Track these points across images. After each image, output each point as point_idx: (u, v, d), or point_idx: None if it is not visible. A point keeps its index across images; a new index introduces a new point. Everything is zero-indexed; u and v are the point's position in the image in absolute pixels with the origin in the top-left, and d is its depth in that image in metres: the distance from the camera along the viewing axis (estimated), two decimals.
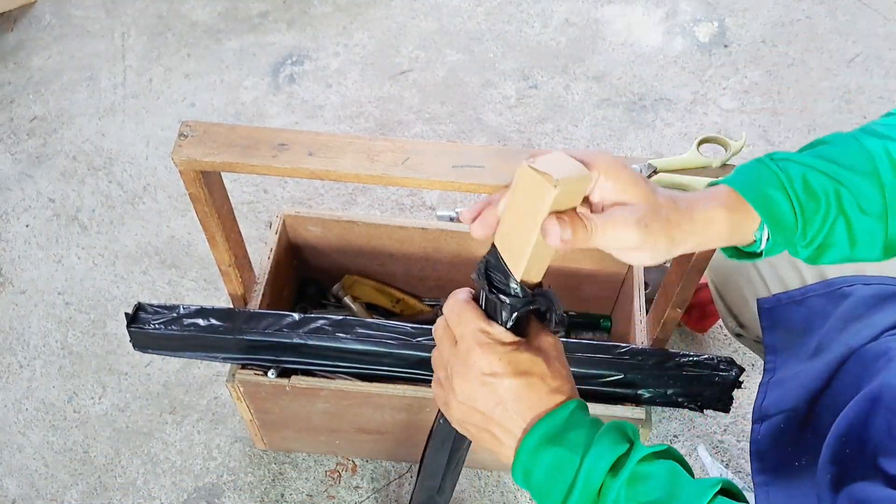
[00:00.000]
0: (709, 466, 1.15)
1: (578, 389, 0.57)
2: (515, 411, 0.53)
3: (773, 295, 0.81)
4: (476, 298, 0.57)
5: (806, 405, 0.73)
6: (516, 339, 0.54)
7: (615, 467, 0.51)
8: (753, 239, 0.58)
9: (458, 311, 0.56)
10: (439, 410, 0.63)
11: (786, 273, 0.82)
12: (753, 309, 0.84)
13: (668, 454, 0.53)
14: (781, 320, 0.80)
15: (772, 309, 0.80)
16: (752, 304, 0.84)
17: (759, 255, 0.60)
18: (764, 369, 0.79)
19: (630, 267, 1.09)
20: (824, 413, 0.71)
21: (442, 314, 0.58)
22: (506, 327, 0.55)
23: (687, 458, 1.23)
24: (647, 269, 1.13)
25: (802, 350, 0.76)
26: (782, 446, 0.74)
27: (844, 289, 0.76)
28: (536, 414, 0.53)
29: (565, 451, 0.52)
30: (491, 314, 0.55)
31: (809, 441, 0.71)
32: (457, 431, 0.59)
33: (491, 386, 0.53)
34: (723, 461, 1.17)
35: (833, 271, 0.78)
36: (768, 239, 0.58)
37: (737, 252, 0.61)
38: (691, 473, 0.53)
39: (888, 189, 0.58)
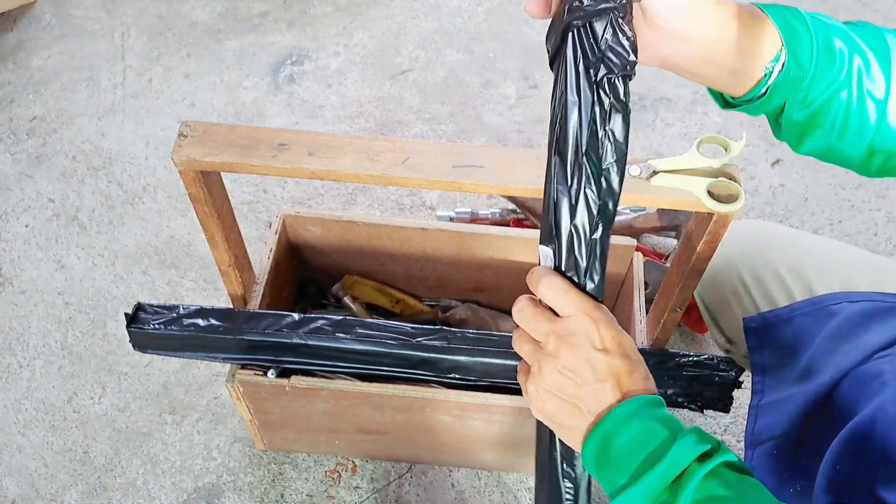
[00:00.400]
0: None
1: None
2: (612, 388, 0.53)
3: (760, 314, 0.81)
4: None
5: (798, 430, 0.73)
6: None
7: (703, 457, 0.50)
8: (763, 73, 0.56)
9: (562, 288, 0.55)
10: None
11: (774, 290, 0.82)
12: (738, 321, 0.83)
13: (749, 471, 0.52)
14: (768, 340, 0.79)
15: (758, 328, 0.80)
16: (741, 319, 0.83)
17: (761, 97, 0.58)
18: (752, 390, 0.79)
19: (630, 267, 1.09)
20: (817, 438, 0.70)
21: (522, 298, 0.58)
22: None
23: None
24: (647, 270, 1.13)
25: (791, 371, 0.75)
26: (776, 473, 0.73)
27: (831, 307, 0.75)
28: (631, 392, 0.53)
29: (660, 426, 0.52)
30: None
31: (804, 466, 0.71)
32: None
33: (598, 361, 0.53)
34: None
35: (821, 287, 0.78)
36: (777, 75, 0.56)
37: (727, 104, 0.61)
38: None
39: (893, 82, 0.58)
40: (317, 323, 0.92)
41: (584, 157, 0.53)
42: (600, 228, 0.55)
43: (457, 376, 0.92)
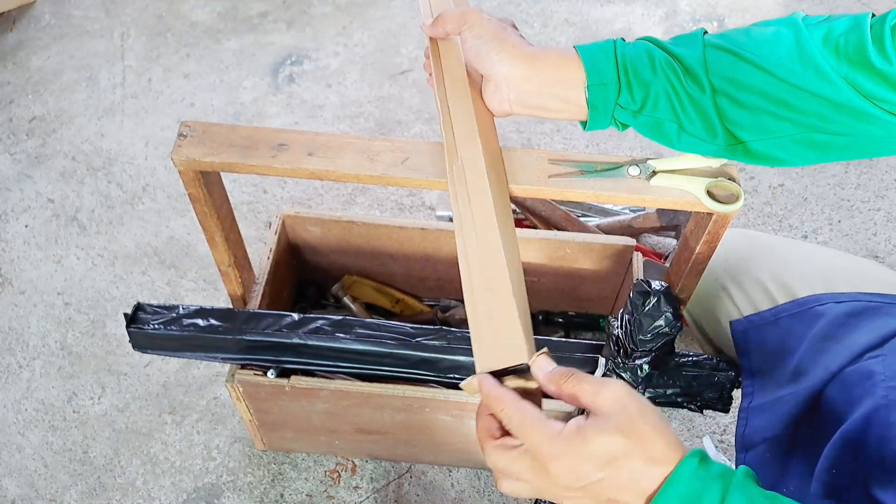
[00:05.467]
0: (713, 458, 1.15)
1: None
2: (625, 500, 0.50)
3: (745, 317, 0.81)
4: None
5: (789, 432, 0.73)
6: (580, 426, 0.51)
7: None
8: (586, 95, 0.66)
9: (515, 418, 0.52)
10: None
11: (756, 295, 0.82)
12: (728, 333, 0.84)
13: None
14: (755, 342, 0.79)
15: (745, 331, 0.80)
16: (727, 328, 0.84)
17: (598, 119, 0.68)
18: (742, 393, 0.79)
19: (629, 267, 1.09)
20: (809, 439, 0.70)
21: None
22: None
23: None
24: (646, 270, 1.13)
25: (780, 373, 0.75)
26: (769, 475, 0.73)
27: (817, 308, 0.75)
28: (648, 496, 0.50)
29: None
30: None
31: (796, 467, 0.71)
32: None
33: (584, 489, 0.50)
34: (723, 462, 1.17)
35: (803, 290, 0.78)
36: (588, 95, 0.66)
37: (584, 123, 0.69)
38: None
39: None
40: (316, 323, 0.92)
41: None
42: None
43: (457, 376, 0.92)
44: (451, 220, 1.37)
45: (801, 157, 0.65)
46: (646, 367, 0.83)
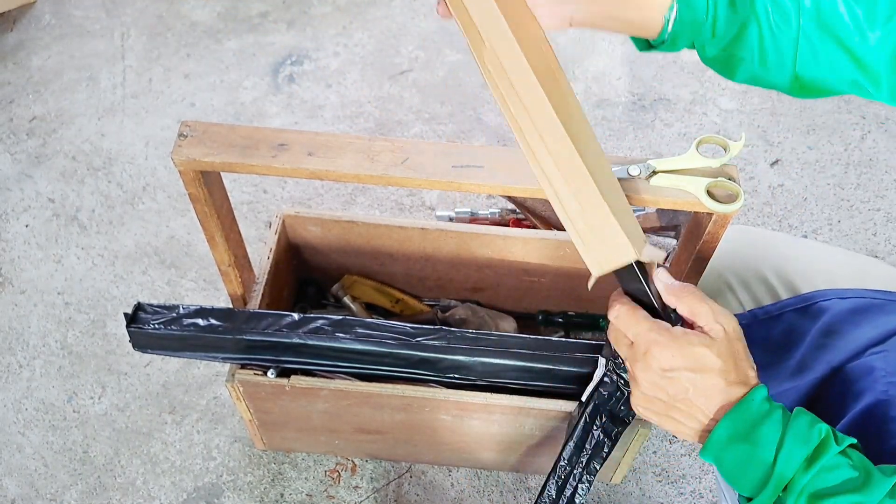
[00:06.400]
0: None
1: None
2: (698, 404, 0.57)
3: (749, 311, 0.82)
4: (637, 300, 0.63)
5: None
6: (687, 331, 0.58)
7: (808, 460, 0.53)
8: (663, 22, 0.62)
9: (626, 316, 0.61)
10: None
11: (759, 291, 0.83)
12: None
13: (857, 447, 0.55)
14: (758, 337, 0.79)
15: (749, 325, 0.80)
16: None
17: (666, 41, 0.63)
18: None
19: None
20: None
21: (606, 320, 0.65)
22: (672, 322, 0.60)
23: (687, 456, 1.24)
24: None
25: (784, 368, 0.76)
26: None
27: (821, 303, 0.76)
28: (720, 406, 0.57)
29: (757, 449, 0.54)
30: (654, 311, 0.62)
31: None
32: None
33: (670, 380, 0.57)
34: None
35: (806, 286, 0.78)
36: (674, 23, 0.62)
37: (647, 44, 0.66)
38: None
39: (804, 14, 0.61)
40: (317, 323, 0.92)
41: None
42: None
43: (456, 376, 0.92)
44: (450, 220, 1.37)
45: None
46: None
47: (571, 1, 0.62)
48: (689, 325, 0.61)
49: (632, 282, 0.62)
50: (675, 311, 0.62)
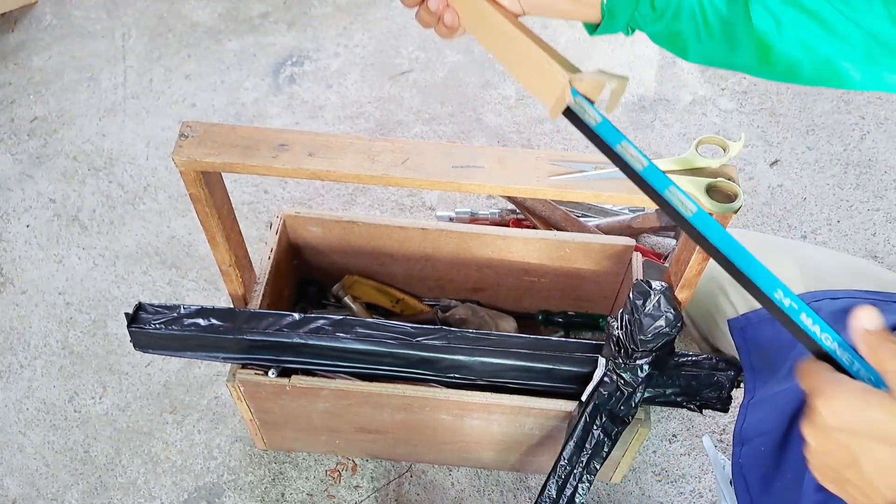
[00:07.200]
0: (713, 458, 1.15)
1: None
2: (870, 479, 0.45)
3: (743, 315, 0.82)
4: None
5: (785, 426, 0.73)
6: (868, 388, 0.46)
7: None
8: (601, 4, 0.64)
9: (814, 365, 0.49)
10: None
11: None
12: (725, 333, 0.84)
13: None
14: (753, 339, 0.80)
15: (743, 328, 0.81)
16: (724, 328, 0.84)
17: (608, 19, 0.65)
18: (745, 389, 0.80)
19: (629, 267, 1.10)
20: (802, 434, 0.71)
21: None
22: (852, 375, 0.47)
23: (687, 455, 1.23)
24: (646, 270, 1.14)
25: (778, 370, 0.76)
26: (764, 467, 0.74)
27: (812, 304, 0.76)
28: None
29: None
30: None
31: (791, 459, 0.71)
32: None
33: (837, 443, 0.46)
34: (722, 461, 1.17)
35: (799, 288, 0.79)
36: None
37: (594, 27, 0.67)
38: None
39: None
40: (317, 323, 0.92)
41: None
42: None
43: (457, 376, 0.92)
44: (451, 220, 1.37)
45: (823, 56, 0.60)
46: (646, 367, 0.83)
47: None
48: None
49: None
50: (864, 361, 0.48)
